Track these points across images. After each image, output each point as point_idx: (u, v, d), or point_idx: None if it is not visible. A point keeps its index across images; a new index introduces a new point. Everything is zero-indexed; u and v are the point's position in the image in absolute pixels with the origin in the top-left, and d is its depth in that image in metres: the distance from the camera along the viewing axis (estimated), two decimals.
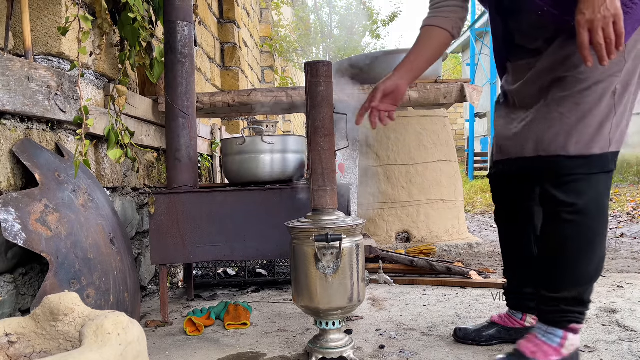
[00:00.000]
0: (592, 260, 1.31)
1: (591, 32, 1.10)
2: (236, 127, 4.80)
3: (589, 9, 1.10)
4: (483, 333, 1.58)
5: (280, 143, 1.97)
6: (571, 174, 1.28)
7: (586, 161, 1.26)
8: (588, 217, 1.29)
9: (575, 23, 1.13)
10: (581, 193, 1.28)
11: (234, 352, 1.59)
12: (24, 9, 1.63)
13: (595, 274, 1.33)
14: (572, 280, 1.32)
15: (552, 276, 1.35)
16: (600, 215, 1.30)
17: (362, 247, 1.47)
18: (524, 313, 1.58)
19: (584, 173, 1.27)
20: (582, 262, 1.31)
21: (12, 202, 1.36)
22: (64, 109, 1.69)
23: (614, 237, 3.75)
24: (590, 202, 1.28)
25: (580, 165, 1.27)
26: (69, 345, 0.96)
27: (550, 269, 1.35)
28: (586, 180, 1.27)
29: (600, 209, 1.30)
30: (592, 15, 1.09)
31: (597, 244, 1.31)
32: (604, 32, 1.09)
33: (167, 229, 1.88)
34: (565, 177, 1.29)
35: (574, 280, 1.32)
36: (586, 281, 1.32)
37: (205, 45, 4.01)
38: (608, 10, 1.08)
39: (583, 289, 1.32)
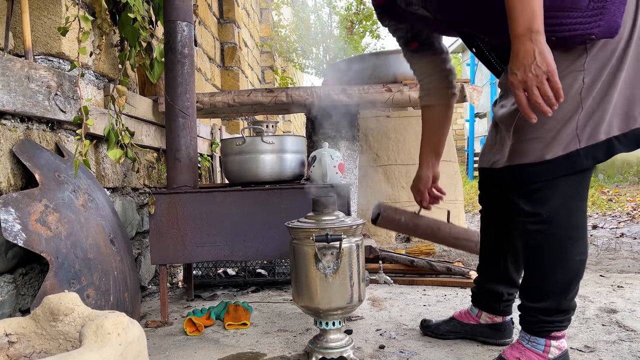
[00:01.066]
0: (568, 267, 1.27)
1: (527, 91, 1.08)
2: (236, 127, 4.80)
3: (520, 69, 1.07)
4: (441, 327, 1.66)
5: (280, 143, 1.97)
6: (533, 181, 1.25)
7: (549, 165, 1.22)
8: (554, 225, 1.25)
9: (509, 83, 1.11)
10: (545, 201, 1.24)
11: (234, 352, 1.59)
12: (24, 9, 1.63)
13: (573, 280, 1.29)
14: (549, 290, 1.29)
15: (530, 286, 1.34)
16: (571, 220, 1.25)
17: (362, 247, 1.47)
18: (480, 310, 1.61)
19: (548, 179, 1.23)
20: (557, 271, 1.28)
21: (12, 202, 1.36)
22: (64, 109, 1.69)
23: (614, 237, 3.75)
24: (557, 208, 1.24)
25: (543, 171, 1.23)
26: (69, 345, 0.96)
27: (528, 278, 1.35)
28: (550, 186, 1.23)
29: (570, 213, 1.25)
30: (523, 75, 1.07)
31: (572, 250, 1.26)
32: (539, 90, 1.07)
33: (167, 229, 1.88)
34: (528, 186, 1.26)
35: (551, 289, 1.29)
36: (564, 289, 1.28)
37: (205, 45, 4.01)
38: (539, 68, 1.05)
39: (560, 298, 1.29)
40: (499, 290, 1.57)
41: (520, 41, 1.07)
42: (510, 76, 1.10)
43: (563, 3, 1.14)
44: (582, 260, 1.28)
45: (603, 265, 2.78)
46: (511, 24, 1.08)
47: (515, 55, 1.08)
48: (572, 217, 1.26)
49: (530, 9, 1.06)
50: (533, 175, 1.25)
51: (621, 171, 8.84)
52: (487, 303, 1.60)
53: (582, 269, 1.30)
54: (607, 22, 1.14)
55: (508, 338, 1.58)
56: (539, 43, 1.06)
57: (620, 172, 8.86)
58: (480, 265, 1.65)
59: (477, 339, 1.61)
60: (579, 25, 1.15)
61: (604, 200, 6.07)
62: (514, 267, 1.56)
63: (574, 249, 1.27)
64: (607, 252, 3.18)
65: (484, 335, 1.60)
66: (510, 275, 1.57)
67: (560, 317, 1.30)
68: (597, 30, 1.14)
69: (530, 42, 1.06)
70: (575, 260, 1.27)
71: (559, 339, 1.31)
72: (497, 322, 1.59)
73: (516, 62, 1.08)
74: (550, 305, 1.30)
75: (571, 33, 1.16)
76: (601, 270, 2.64)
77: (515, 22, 1.07)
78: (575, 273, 1.28)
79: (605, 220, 4.62)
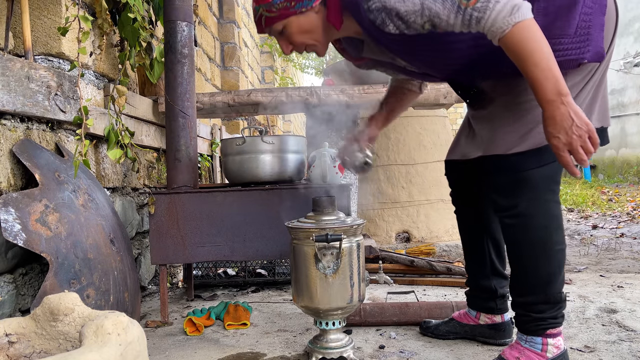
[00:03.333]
0: (549, 257, 1.30)
1: (572, 152, 1.11)
2: (236, 127, 4.80)
3: (561, 132, 1.10)
4: (441, 327, 1.67)
5: (280, 143, 1.97)
6: (506, 172, 1.28)
7: (521, 157, 1.26)
8: (530, 218, 1.28)
9: (552, 147, 1.13)
10: (519, 194, 1.28)
11: (234, 352, 1.59)
12: (24, 9, 1.63)
13: (556, 270, 1.31)
14: (533, 283, 1.32)
15: (516, 281, 1.36)
16: (546, 211, 1.29)
17: (362, 247, 1.47)
18: (478, 312, 1.62)
19: (520, 170, 1.27)
20: (539, 263, 1.30)
21: (12, 202, 1.36)
22: (64, 109, 1.69)
23: (614, 237, 3.75)
24: (531, 201, 1.27)
25: (515, 162, 1.27)
26: (69, 345, 0.96)
27: (513, 273, 1.37)
28: (523, 178, 1.27)
29: (544, 205, 1.28)
30: (567, 138, 1.10)
31: (550, 241, 1.29)
32: (583, 149, 1.10)
33: (167, 229, 1.88)
34: (501, 177, 1.30)
35: (536, 282, 1.31)
36: (548, 280, 1.31)
37: (205, 45, 4.01)
38: (580, 129, 1.09)
39: (547, 290, 1.31)
40: (491, 285, 1.58)
41: (553, 106, 1.10)
42: (553, 139, 1.12)
43: (553, 31, 1.19)
44: (561, 249, 1.31)
45: (603, 265, 2.78)
46: (538, 92, 1.11)
47: (552, 119, 1.11)
48: (547, 208, 1.29)
49: (553, 75, 1.09)
50: (506, 166, 1.28)
51: (621, 171, 8.83)
52: (483, 303, 1.61)
53: (563, 259, 1.33)
54: (594, 47, 1.21)
55: (508, 338, 1.58)
56: (571, 104, 1.09)
57: (620, 172, 8.86)
58: (467, 265, 1.67)
59: (477, 339, 1.61)
60: (571, 51, 1.22)
61: (604, 200, 6.07)
62: (498, 259, 1.59)
63: (552, 239, 1.30)
64: (607, 252, 3.18)
65: (484, 336, 1.60)
66: (497, 267, 1.59)
67: (552, 312, 1.31)
68: (587, 55, 1.21)
69: (563, 105, 1.09)
70: (555, 250, 1.30)
71: (555, 337, 1.32)
72: (496, 322, 1.59)
73: (555, 126, 1.10)
74: (538, 299, 1.31)
75: (565, 58, 1.21)
76: (601, 270, 2.64)
77: (544, 90, 1.10)
78: (557, 263, 1.31)
79: (605, 220, 4.62)
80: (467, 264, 1.66)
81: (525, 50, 1.10)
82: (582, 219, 4.89)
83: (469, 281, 1.66)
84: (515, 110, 1.29)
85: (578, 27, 1.20)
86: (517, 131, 1.28)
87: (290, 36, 1.33)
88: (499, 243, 1.58)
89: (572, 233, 4.13)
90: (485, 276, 1.59)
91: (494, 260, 1.58)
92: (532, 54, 1.09)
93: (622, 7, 7.95)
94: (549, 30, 1.16)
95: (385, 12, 1.18)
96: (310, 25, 1.31)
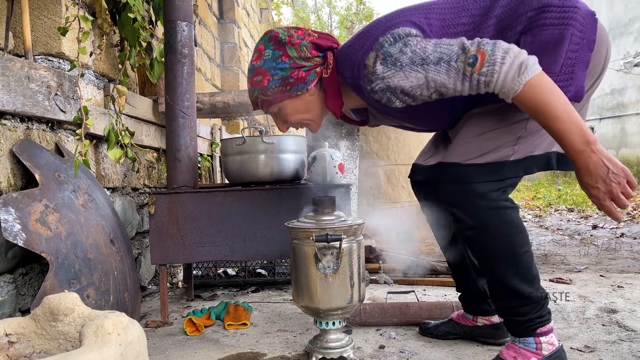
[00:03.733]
0: (514, 262, 1.28)
1: (613, 200, 1.09)
2: (236, 127, 4.80)
3: (599, 181, 1.08)
4: (440, 328, 1.67)
5: (280, 143, 1.97)
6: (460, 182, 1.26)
7: (477, 169, 1.24)
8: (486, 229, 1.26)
9: (592, 197, 1.11)
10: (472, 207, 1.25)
11: (234, 352, 1.59)
12: (24, 9, 1.63)
13: (525, 272, 1.29)
14: (506, 288, 1.30)
15: (491, 288, 1.35)
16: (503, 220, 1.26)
17: (362, 247, 1.47)
18: (474, 315, 1.62)
19: (472, 182, 1.24)
20: (506, 268, 1.28)
21: (12, 202, 1.36)
22: (64, 109, 1.69)
23: (614, 237, 3.75)
24: (485, 212, 1.25)
25: (470, 172, 1.24)
26: (69, 345, 0.96)
27: (487, 281, 1.37)
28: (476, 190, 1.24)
29: (500, 214, 1.25)
30: (607, 187, 1.08)
31: (513, 247, 1.27)
32: (624, 194, 1.09)
33: (167, 229, 1.88)
34: (455, 187, 1.27)
35: (508, 286, 1.29)
36: (520, 284, 1.28)
37: (205, 45, 4.01)
38: (618, 176, 1.07)
39: (522, 289, 1.28)
40: (479, 287, 1.58)
41: (584, 156, 1.08)
42: (593, 190, 1.10)
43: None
44: (527, 251, 1.29)
45: (603, 265, 2.78)
46: (566, 144, 1.09)
47: (586, 170, 1.09)
48: (501, 215, 1.26)
49: (577, 125, 1.07)
50: (460, 175, 1.26)
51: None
52: (477, 306, 1.60)
53: (531, 259, 1.30)
54: (576, 87, 1.19)
55: (507, 337, 1.58)
56: (602, 152, 1.08)
57: None
58: (451, 272, 1.66)
59: (477, 339, 1.61)
60: None
61: None
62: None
63: (515, 243, 1.27)
64: (607, 252, 3.18)
65: (484, 336, 1.60)
66: (478, 268, 1.57)
67: (536, 312, 1.30)
68: (569, 95, 1.18)
69: (594, 154, 1.08)
70: (520, 253, 1.28)
71: (546, 335, 1.32)
72: (494, 322, 1.59)
73: (592, 177, 1.09)
74: (516, 303, 1.30)
75: None
76: (601, 270, 2.64)
77: (571, 141, 1.08)
78: (525, 265, 1.28)
79: (605, 220, 4.62)
80: (451, 271, 1.65)
81: (542, 106, 1.07)
82: (582, 219, 4.89)
83: (458, 287, 1.65)
84: (482, 125, 1.28)
85: (564, 64, 1.18)
86: (479, 144, 1.25)
87: (286, 117, 1.36)
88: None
89: (572, 233, 4.13)
90: (471, 279, 1.58)
91: (474, 262, 1.56)
92: (550, 108, 1.07)
93: (622, 7, 7.97)
94: None
95: (390, 92, 1.18)
96: (305, 106, 1.33)
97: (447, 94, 1.16)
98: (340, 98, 1.33)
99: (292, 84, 1.29)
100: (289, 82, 1.28)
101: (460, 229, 1.31)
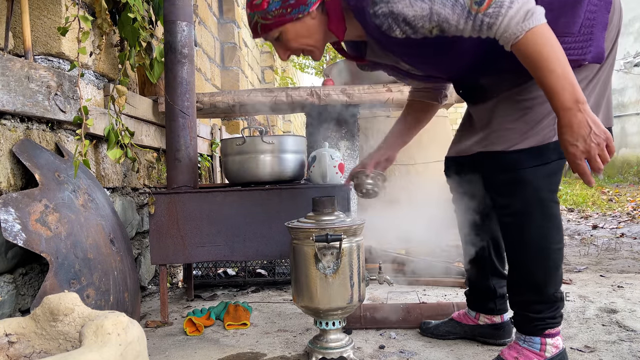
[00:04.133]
0: (546, 256, 1.28)
1: (589, 160, 1.10)
2: (236, 127, 4.80)
3: (579, 140, 1.09)
4: (441, 327, 1.66)
5: (280, 143, 1.97)
6: (504, 170, 1.27)
7: (521, 155, 1.24)
8: (527, 216, 1.26)
9: (568, 155, 1.12)
10: (517, 193, 1.26)
11: (234, 352, 1.59)
12: (24, 9, 1.63)
13: (553, 269, 1.30)
14: (530, 281, 1.31)
15: (513, 279, 1.36)
16: (544, 210, 1.27)
17: (362, 247, 1.47)
18: (477, 312, 1.62)
19: (519, 168, 1.25)
20: (536, 261, 1.29)
21: (12, 202, 1.36)
22: (64, 109, 1.69)
23: (614, 237, 3.75)
24: (529, 199, 1.26)
25: (515, 160, 1.25)
26: (69, 345, 0.96)
27: (510, 271, 1.37)
28: (522, 176, 1.25)
29: (543, 204, 1.26)
30: (585, 146, 1.09)
31: (547, 241, 1.28)
32: (600, 157, 1.10)
33: (167, 229, 1.88)
34: (502, 175, 1.28)
35: (532, 280, 1.30)
36: (544, 281, 1.29)
37: (205, 45, 4.01)
38: (598, 137, 1.08)
39: (544, 289, 1.30)
40: (490, 285, 1.58)
41: (570, 114, 1.09)
42: (571, 147, 1.10)
43: (556, 29, 1.16)
44: (559, 248, 1.30)
45: (603, 265, 2.78)
46: (555, 99, 1.09)
47: (569, 127, 1.09)
48: (545, 207, 1.27)
49: (570, 83, 1.07)
50: (506, 163, 1.26)
51: (621, 171, 8.83)
52: (483, 304, 1.61)
53: (561, 258, 1.31)
54: (596, 47, 1.20)
55: (507, 338, 1.58)
56: (588, 113, 1.08)
57: (620, 172, 8.86)
58: (465, 265, 1.66)
59: (477, 339, 1.61)
60: (574, 50, 1.19)
61: (604, 200, 6.07)
62: (497, 259, 1.58)
63: (550, 238, 1.28)
64: (607, 252, 3.18)
65: (484, 335, 1.60)
66: (496, 267, 1.58)
67: (550, 312, 1.31)
68: (589, 56, 1.19)
69: (580, 113, 1.08)
70: (552, 249, 1.29)
71: (553, 337, 1.32)
72: (496, 323, 1.59)
73: (573, 134, 1.09)
74: (534, 298, 1.30)
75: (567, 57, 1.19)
76: (601, 270, 2.63)
77: (561, 97, 1.08)
78: (554, 263, 1.29)
79: (606, 220, 4.62)
80: (467, 264, 1.65)
81: (540, 57, 1.08)
82: (582, 219, 4.89)
83: (468, 282, 1.65)
84: (517, 108, 1.28)
85: (582, 25, 1.18)
86: (519, 128, 1.26)
87: (287, 42, 1.31)
88: (499, 242, 1.57)
89: (572, 233, 4.12)
90: (484, 276, 1.59)
91: (493, 260, 1.57)
92: (547, 61, 1.07)
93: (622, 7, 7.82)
94: (553, 28, 1.14)
95: (392, 18, 1.15)
96: (307, 31, 1.28)
97: (449, 31, 1.14)
98: (343, 21, 1.29)
99: (292, 5, 1.24)
100: (290, 4, 1.24)
101: (502, 215, 1.31)
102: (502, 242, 1.58)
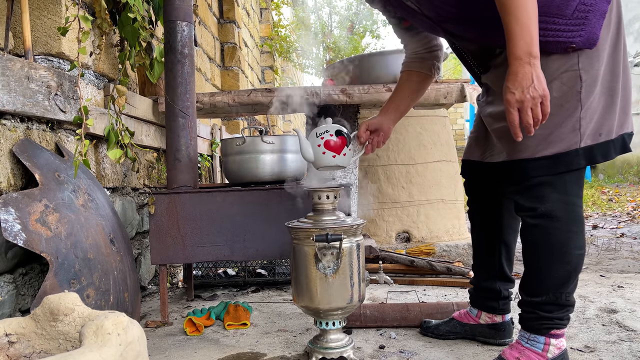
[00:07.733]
0: (567, 261, 1.29)
1: (520, 111, 1.13)
2: (236, 127, 4.80)
3: (518, 89, 1.11)
4: (441, 327, 1.67)
5: (281, 143, 1.97)
6: (532, 176, 1.27)
7: (547, 161, 1.25)
8: (553, 220, 1.27)
9: (505, 101, 1.14)
10: (543, 197, 1.26)
11: (234, 352, 1.59)
12: (24, 9, 1.63)
13: (572, 274, 1.30)
14: (548, 284, 1.31)
15: (530, 280, 1.35)
16: (569, 215, 1.27)
17: (362, 247, 1.47)
18: (479, 310, 1.62)
19: (546, 174, 1.25)
20: (557, 265, 1.29)
21: (12, 202, 1.36)
22: (64, 109, 1.69)
23: (614, 237, 3.75)
24: (555, 204, 1.26)
25: (541, 166, 1.25)
26: (69, 345, 0.96)
27: (528, 273, 1.36)
28: (549, 181, 1.26)
29: (568, 208, 1.27)
30: (521, 95, 1.11)
31: (570, 244, 1.28)
32: (532, 112, 1.12)
33: (167, 229, 1.88)
34: (526, 181, 1.28)
35: (551, 283, 1.30)
36: (563, 283, 1.30)
37: (205, 45, 4.01)
38: (536, 91, 1.10)
39: (560, 292, 1.30)
40: (497, 287, 1.58)
41: (519, 63, 1.11)
42: (508, 94, 1.13)
43: (550, 9, 1.17)
44: (581, 254, 1.30)
45: (603, 265, 2.78)
46: (510, 46, 1.12)
47: (514, 75, 1.12)
48: (570, 212, 1.28)
49: (529, 34, 1.10)
50: (532, 170, 1.27)
51: (621, 171, 8.83)
52: (486, 302, 1.61)
53: (581, 263, 1.32)
54: (588, 32, 1.19)
55: (508, 338, 1.58)
56: (536, 67, 1.11)
57: (620, 172, 8.86)
58: (475, 264, 1.66)
59: (477, 339, 1.61)
60: (563, 33, 1.20)
61: (604, 200, 6.07)
62: (507, 263, 1.58)
63: (573, 242, 1.29)
64: (608, 252, 3.18)
65: (484, 335, 1.60)
66: (505, 271, 1.58)
67: (560, 313, 1.31)
68: (578, 39, 1.19)
69: (528, 65, 1.10)
70: (574, 254, 1.29)
71: (558, 338, 1.32)
72: (496, 322, 1.59)
73: (514, 82, 1.12)
74: (549, 300, 1.30)
75: (554, 39, 1.20)
76: (601, 270, 2.64)
77: (515, 45, 1.11)
78: (574, 267, 1.30)
79: (606, 220, 4.62)
80: (476, 265, 1.65)
81: (512, 2, 1.10)
82: None
83: (474, 280, 1.65)
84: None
85: (576, 9, 1.19)
86: (539, 134, 1.23)
87: None
88: (510, 247, 1.57)
89: None
90: (492, 278, 1.58)
91: (503, 264, 1.57)
92: (517, 8, 1.10)
93: (622, 7, 7.84)
94: (547, 7, 1.15)
95: None
96: None
97: None
98: None
99: None
100: None
101: (525, 217, 1.31)
102: (513, 248, 1.58)
